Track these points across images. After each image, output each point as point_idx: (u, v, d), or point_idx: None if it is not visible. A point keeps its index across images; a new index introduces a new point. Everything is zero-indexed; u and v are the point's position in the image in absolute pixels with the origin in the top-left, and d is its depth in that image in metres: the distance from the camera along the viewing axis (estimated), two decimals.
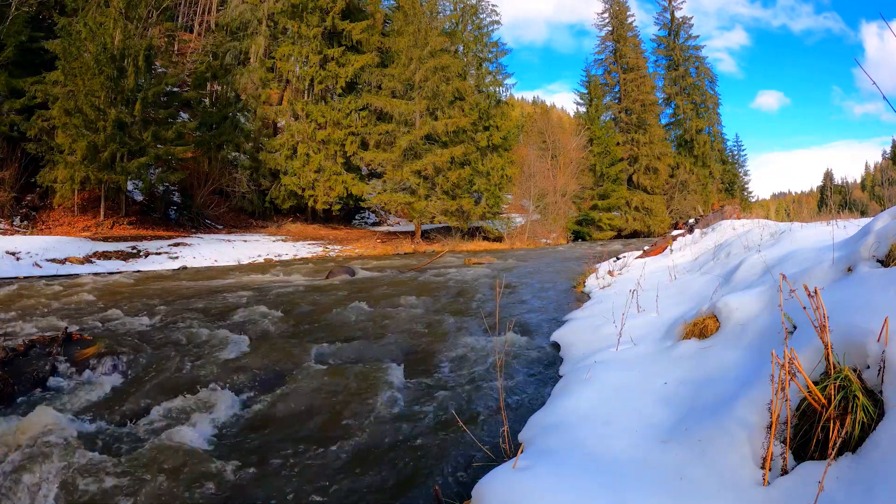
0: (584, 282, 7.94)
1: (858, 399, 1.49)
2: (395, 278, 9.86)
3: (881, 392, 1.49)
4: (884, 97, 1.82)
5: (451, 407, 3.00)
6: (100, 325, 5.28)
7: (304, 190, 21.04)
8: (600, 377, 2.75)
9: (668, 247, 9.09)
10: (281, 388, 3.37)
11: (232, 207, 21.54)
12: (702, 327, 2.89)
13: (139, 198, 18.16)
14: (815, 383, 1.61)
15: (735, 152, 47.82)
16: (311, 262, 14.90)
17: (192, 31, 30.66)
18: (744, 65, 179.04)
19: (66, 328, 4.51)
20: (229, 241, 17.06)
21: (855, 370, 1.60)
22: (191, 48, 27.69)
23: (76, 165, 14.44)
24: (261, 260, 15.16)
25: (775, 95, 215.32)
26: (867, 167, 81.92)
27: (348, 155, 21.51)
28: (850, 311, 1.81)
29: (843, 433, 1.47)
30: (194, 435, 2.69)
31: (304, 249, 17.72)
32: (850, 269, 2.38)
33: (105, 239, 14.51)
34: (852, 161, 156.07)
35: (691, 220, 13.59)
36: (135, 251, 13.80)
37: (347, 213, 25.17)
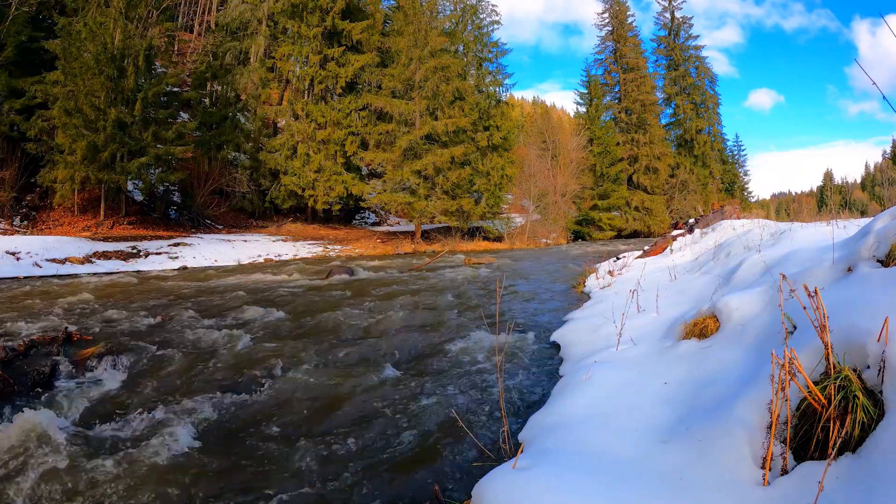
0: (584, 282, 7.94)
1: (858, 399, 1.49)
2: (395, 278, 9.86)
3: (881, 392, 1.49)
4: (883, 97, 1.82)
5: (451, 407, 3.00)
6: (100, 325, 5.28)
7: (304, 190, 21.02)
8: (600, 377, 2.75)
9: (669, 247, 9.09)
10: (280, 388, 3.37)
11: (232, 207, 21.53)
12: (702, 327, 2.89)
13: (139, 198, 18.16)
14: (815, 383, 1.61)
15: (735, 152, 47.87)
16: (311, 262, 14.90)
17: (192, 31, 30.65)
18: (735, 63, 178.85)
19: (67, 328, 4.51)
20: (229, 241, 17.05)
21: (855, 370, 1.60)
22: (191, 48, 27.69)
23: (76, 165, 14.43)
24: (261, 260, 15.15)
25: (768, 94, 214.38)
26: (867, 167, 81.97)
27: (348, 155, 21.50)
28: (850, 311, 1.81)
29: (843, 433, 1.47)
30: (193, 435, 2.70)
31: (304, 249, 17.72)
32: (850, 269, 2.38)
33: (105, 239, 14.50)
34: (852, 161, 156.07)
35: (691, 220, 13.58)
36: (135, 251, 13.79)
37: (347, 213, 25.16)
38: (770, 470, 1.54)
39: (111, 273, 11.40)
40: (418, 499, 2.13)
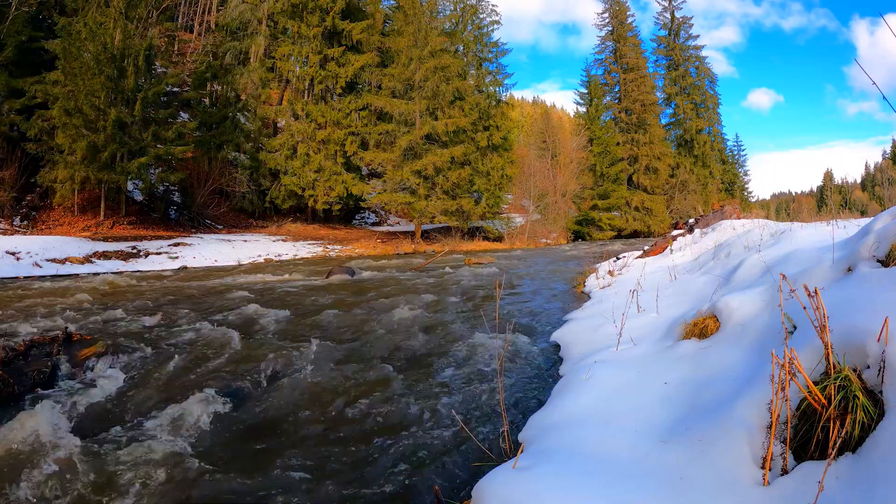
0: (584, 282, 7.94)
1: (858, 399, 1.49)
2: (395, 278, 9.85)
3: (881, 392, 1.49)
4: (883, 97, 1.82)
5: (452, 407, 3.00)
6: (100, 325, 5.28)
7: (304, 190, 21.03)
8: (600, 377, 2.75)
9: (668, 247, 9.09)
10: (280, 388, 3.37)
11: (232, 207, 21.54)
12: (702, 327, 2.89)
13: (139, 198, 18.16)
14: (816, 383, 1.61)
15: (735, 152, 47.93)
16: (311, 262, 14.90)
17: (192, 31, 30.66)
18: (735, 63, 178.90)
19: (67, 328, 4.51)
20: (229, 241, 17.05)
21: (855, 370, 1.60)
22: (191, 48, 27.70)
23: (76, 165, 14.44)
24: (261, 260, 15.15)
25: (767, 94, 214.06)
26: (867, 167, 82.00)
27: (348, 155, 21.50)
28: (850, 311, 1.80)
29: (843, 433, 1.47)
30: (193, 435, 2.70)
31: (304, 249, 17.72)
32: (850, 269, 2.38)
33: (105, 239, 14.51)
34: (851, 161, 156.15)
35: (691, 220, 13.58)
36: (135, 251, 13.79)
37: (347, 213, 25.16)
38: (770, 470, 1.54)
39: (111, 273, 11.40)
40: (418, 499, 2.13)
